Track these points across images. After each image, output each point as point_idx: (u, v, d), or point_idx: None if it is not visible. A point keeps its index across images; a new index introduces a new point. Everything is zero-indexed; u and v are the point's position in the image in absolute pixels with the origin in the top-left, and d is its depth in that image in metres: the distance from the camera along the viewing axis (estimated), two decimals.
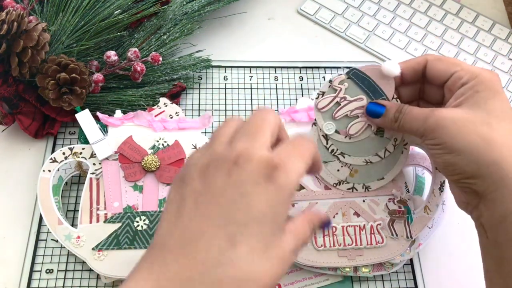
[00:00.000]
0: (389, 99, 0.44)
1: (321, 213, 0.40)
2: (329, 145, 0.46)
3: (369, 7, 0.66)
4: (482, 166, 0.36)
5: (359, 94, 0.45)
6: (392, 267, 0.46)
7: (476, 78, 0.39)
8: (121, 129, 0.49)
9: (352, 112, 0.45)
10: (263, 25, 0.64)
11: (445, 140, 0.38)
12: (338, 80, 0.46)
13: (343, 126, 0.46)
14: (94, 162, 0.47)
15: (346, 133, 0.46)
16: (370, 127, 0.45)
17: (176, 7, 0.57)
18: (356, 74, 0.45)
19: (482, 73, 0.39)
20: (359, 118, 0.45)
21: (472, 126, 0.37)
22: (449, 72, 0.41)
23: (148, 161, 0.47)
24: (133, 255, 0.44)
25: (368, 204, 0.46)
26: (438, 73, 0.42)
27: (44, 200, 0.45)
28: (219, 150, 0.31)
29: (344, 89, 0.45)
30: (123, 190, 0.46)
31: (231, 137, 0.32)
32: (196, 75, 0.58)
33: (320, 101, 0.46)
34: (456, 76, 0.40)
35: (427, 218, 0.46)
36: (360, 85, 0.45)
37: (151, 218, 0.45)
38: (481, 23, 0.65)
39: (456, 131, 0.37)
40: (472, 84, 0.39)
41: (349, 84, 0.45)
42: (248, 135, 0.32)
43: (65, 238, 0.44)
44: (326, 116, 0.46)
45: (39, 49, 0.47)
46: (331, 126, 0.46)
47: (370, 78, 0.45)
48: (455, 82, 0.40)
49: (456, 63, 0.41)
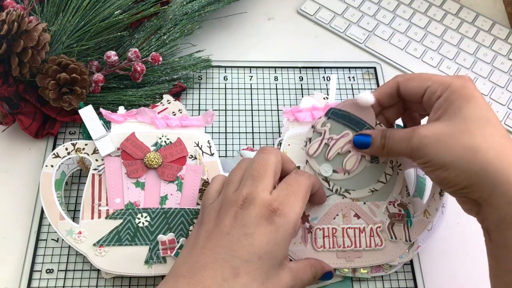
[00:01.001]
0: (373, 127, 0.46)
1: (325, 264, 0.44)
2: (332, 186, 0.47)
3: (369, 7, 0.66)
4: (472, 176, 0.37)
5: (343, 130, 0.46)
6: (391, 268, 0.46)
7: (448, 88, 0.40)
8: (124, 125, 0.49)
9: (343, 149, 0.46)
10: (263, 25, 0.64)
11: (431, 158, 0.38)
12: (319, 123, 0.47)
13: (338, 164, 0.46)
14: (96, 158, 0.47)
15: (344, 170, 0.46)
16: (364, 157, 0.46)
17: (176, 7, 0.57)
18: (335, 112, 0.47)
19: (453, 82, 0.40)
20: (351, 152, 0.46)
21: (454, 139, 0.37)
22: (422, 89, 0.41)
23: (151, 158, 0.47)
24: (134, 252, 0.44)
25: (368, 206, 0.46)
26: (412, 91, 0.42)
27: (46, 195, 0.45)
28: (229, 195, 0.38)
29: (328, 129, 0.47)
30: (125, 187, 0.46)
31: (240, 180, 0.39)
32: (196, 75, 0.58)
33: (309, 148, 0.47)
34: (429, 91, 0.41)
35: (426, 222, 0.46)
36: (342, 122, 0.47)
37: (153, 215, 0.45)
38: (481, 23, 0.65)
39: (440, 147, 0.38)
40: (445, 95, 0.39)
41: (331, 123, 0.47)
42: (252, 179, 0.38)
43: (67, 233, 0.44)
44: (319, 160, 0.46)
45: (39, 49, 0.47)
46: (327, 168, 0.46)
47: (349, 113, 0.46)
48: (430, 96, 0.41)
49: (426, 78, 0.42)
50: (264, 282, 0.35)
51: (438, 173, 0.39)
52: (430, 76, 0.42)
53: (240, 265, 0.34)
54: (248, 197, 0.36)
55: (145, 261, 0.44)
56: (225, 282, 0.33)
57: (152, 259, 0.44)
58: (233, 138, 0.54)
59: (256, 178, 0.38)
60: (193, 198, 0.47)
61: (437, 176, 0.39)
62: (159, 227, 0.45)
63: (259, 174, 0.38)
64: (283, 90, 0.58)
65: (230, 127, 0.55)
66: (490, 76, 0.61)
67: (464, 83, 0.39)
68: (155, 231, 0.45)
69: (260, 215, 0.35)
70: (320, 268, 0.43)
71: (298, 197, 0.37)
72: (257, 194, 0.36)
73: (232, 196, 0.38)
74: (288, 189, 0.38)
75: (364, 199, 0.47)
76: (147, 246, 0.44)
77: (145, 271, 0.43)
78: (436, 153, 0.38)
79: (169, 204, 0.46)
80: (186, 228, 0.45)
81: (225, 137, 0.54)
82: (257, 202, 0.36)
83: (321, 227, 0.46)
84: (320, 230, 0.45)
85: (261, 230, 0.35)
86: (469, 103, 0.38)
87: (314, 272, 0.41)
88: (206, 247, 0.35)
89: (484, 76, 0.61)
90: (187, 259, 0.36)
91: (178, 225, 0.45)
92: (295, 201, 0.37)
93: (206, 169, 0.48)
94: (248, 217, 0.35)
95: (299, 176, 0.39)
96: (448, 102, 0.39)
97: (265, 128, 0.55)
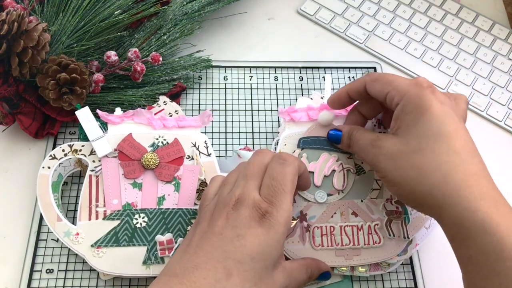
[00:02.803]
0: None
1: (323, 263, 0.44)
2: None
3: (369, 7, 0.66)
4: (420, 197, 0.37)
5: (320, 154, 0.48)
6: (389, 267, 0.46)
7: (404, 97, 0.39)
8: (120, 126, 0.49)
9: (328, 171, 0.47)
10: (263, 25, 0.64)
11: (385, 174, 0.39)
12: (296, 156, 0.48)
13: (329, 187, 0.47)
14: (93, 159, 0.47)
15: (336, 190, 0.47)
16: (350, 170, 0.47)
17: (176, 8, 0.57)
18: (305, 141, 0.48)
19: (409, 91, 0.39)
20: (335, 170, 0.47)
21: (406, 157, 0.38)
22: (384, 93, 0.41)
23: (148, 158, 0.47)
24: (131, 252, 0.44)
25: (366, 204, 0.47)
26: (376, 94, 0.42)
27: (43, 196, 0.45)
28: (223, 196, 0.38)
29: (306, 158, 0.48)
30: (123, 188, 0.46)
31: (235, 181, 0.39)
32: (196, 75, 0.58)
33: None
34: (389, 97, 0.41)
35: (424, 219, 0.46)
36: (315, 147, 0.48)
37: (150, 216, 0.45)
38: (481, 23, 0.65)
39: (393, 165, 0.38)
40: (402, 105, 0.39)
41: (307, 152, 0.48)
42: (245, 180, 0.38)
43: (64, 234, 0.44)
44: (310, 189, 0.47)
45: (39, 49, 0.47)
46: (321, 194, 0.47)
47: (317, 136, 0.48)
48: (390, 103, 0.41)
49: (388, 82, 0.41)
50: (257, 282, 0.35)
51: (392, 189, 0.40)
52: (391, 79, 0.41)
53: (233, 266, 0.34)
54: (240, 197, 0.37)
55: (143, 262, 0.44)
56: (218, 283, 0.33)
57: (150, 259, 0.44)
58: (233, 138, 0.54)
59: (249, 179, 0.38)
60: (191, 198, 0.47)
61: (393, 192, 0.40)
62: (156, 227, 0.45)
63: (252, 175, 0.38)
64: (283, 90, 0.58)
65: (230, 127, 0.55)
66: (490, 76, 0.61)
67: (419, 92, 0.38)
68: (153, 231, 0.45)
69: (250, 217, 0.35)
70: (317, 268, 0.42)
71: (285, 193, 0.37)
72: (248, 195, 0.36)
73: (226, 197, 0.38)
74: (273, 185, 0.37)
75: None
76: (145, 247, 0.44)
77: (143, 271, 0.43)
78: (389, 171, 0.39)
79: (166, 204, 0.46)
80: (184, 228, 0.45)
81: (225, 137, 0.54)
82: (247, 203, 0.36)
83: (319, 226, 0.46)
84: (318, 228, 0.45)
85: (252, 232, 0.35)
86: (423, 116, 0.38)
87: (309, 272, 0.41)
88: (199, 247, 0.35)
89: (484, 76, 0.61)
90: (180, 259, 0.36)
91: (175, 226, 0.45)
92: (282, 198, 0.36)
93: (203, 169, 0.48)
94: (239, 219, 0.35)
95: (281, 165, 0.38)
96: (404, 113, 0.39)
97: (265, 128, 0.55)
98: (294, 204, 0.46)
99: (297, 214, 0.46)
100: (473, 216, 0.34)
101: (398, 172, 0.38)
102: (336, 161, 0.47)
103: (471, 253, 0.35)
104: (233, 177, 0.40)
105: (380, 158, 0.39)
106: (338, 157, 0.48)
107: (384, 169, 0.39)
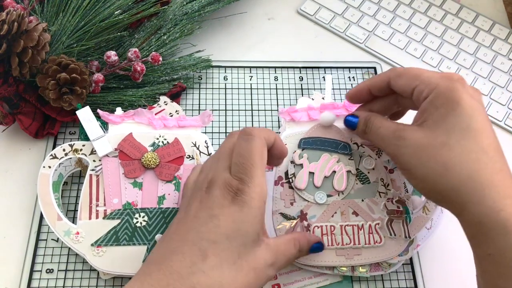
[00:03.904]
0: (347, 142, 0.48)
1: (311, 235, 0.43)
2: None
3: (369, 7, 0.66)
4: (444, 193, 0.37)
5: (321, 154, 0.48)
6: (390, 267, 0.46)
7: (434, 90, 0.38)
8: (121, 126, 0.49)
9: (328, 172, 0.47)
10: (263, 25, 0.64)
11: (409, 167, 0.38)
12: (296, 156, 0.48)
13: (329, 187, 0.47)
14: (94, 158, 0.47)
15: (336, 191, 0.47)
16: (350, 172, 0.47)
17: (176, 8, 0.57)
18: (306, 141, 0.48)
19: (440, 84, 0.38)
20: (336, 171, 0.47)
21: (432, 151, 0.37)
22: (411, 88, 0.40)
23: (148, 158, 0.47)
24: (131, 252, 0.44)
25: (367, 203, 0.47)
26: (401, 89, 0.41)
27: (43, 195, 0.45)
28: (199, 181, 0.38)
29: (307, 159, 0.47)
30: (123, 187, 0.46)
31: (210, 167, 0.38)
32: (196, 75, 0.58)
33: (296, 182, 0.47)
34: (417, 91, 0.40)
35: (425, 218, 0.46)
36: (316, 148, 0.48)
37: (150, 215, 0.45)
38: (481, 23, 0.65)
39: (416, 159, 0.38)
40: (431, 98, 0.38)
41: (307, 153, 0.48)
42: (217, 162, 0.38)
43: (64, 234, 0.44)
44: (310, 190, 0.47)
45: (39, 49, 0.47)
46: (321, 195, 0.47)
47: (319, 137, 0.48)
48: (418, 97, 0.40)
49: (415, 76, 0.40)
50: (237, 261, 0.34)
51: (414, 182, 0.39)
52: (419, 73, 0.40)
53: (208, 247, 0.34)
54: (212, 179, 0.36)
55: (143, 261, 0.44)
56: (194, 265, 0.33)
57: None
58: None
59: (219, 161, 0.37)
60: None
61: (414, 185, 0.39)
62: (156, 226, 0.45)
63: (222, 157, 0.37)
64: (283, 90, 0.58)
65: (230, 127, 0.55)
66: (490, 76, 0.61)
67: (450, 85, 0.38)
68: (153, 231, 0.45)
69: (222, 196, 0.35)
70: (306, 241, 0.41)
71: (254, 167, 0.36)
72: (218, 175, 0.36)
73: (201, 182, 0.38)
74: (240, 162, 0.36)
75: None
76: (145, 246, 0.44)
77: None
78: (413, 164, 0.38)
79: (166, 204, 0.46)
80: None
81: (225, 137, 0.54)
82: (218, 184, 0.36)
83: (319, 225, 0.45)
84: (318, 228, 0.45)
85: (225, 211, 0.34)
86: (453, 112, 0.37)
87: (298, 246, 0.40)
88: (175, 233, 0.36)
89: (484, 76, 0.61)
90: (158, 247, 0.36)
91: None
92: (252, 173, 0.35)
93: None
94: (212, 200, 0.35)
95: (246, 141, 0.37)
96: (433, 107, 0.38)
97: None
98: (294, 203, 0.46)
99: (298, 214, 0.46)
100: (497, 215, 0.34)
101: (422, 165, 0.37)
102: (336, 162, 0.47)
103: (491, 252, 0.34)
104: (208, 164, 0.40)
105: (403, 151, 0.38)
106: (339, 158, 0.48)
107: (407, 163, 0.38)
